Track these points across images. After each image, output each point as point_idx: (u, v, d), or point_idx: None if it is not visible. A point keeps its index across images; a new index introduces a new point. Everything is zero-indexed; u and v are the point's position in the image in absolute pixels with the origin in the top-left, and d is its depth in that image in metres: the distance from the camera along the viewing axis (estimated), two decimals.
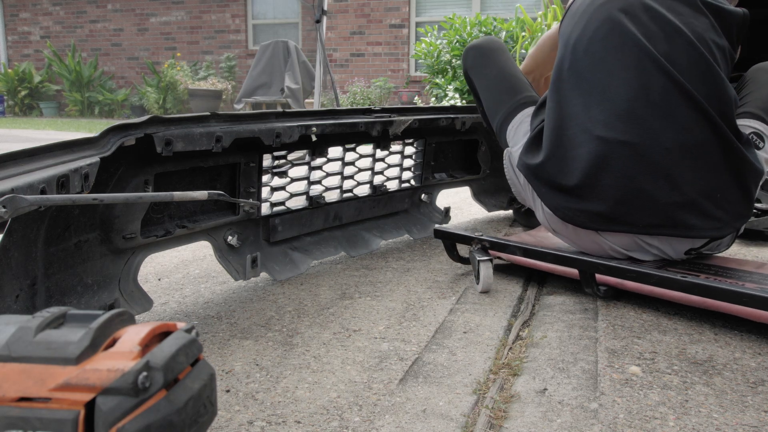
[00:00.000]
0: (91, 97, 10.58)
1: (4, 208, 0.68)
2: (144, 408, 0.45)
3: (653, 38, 1.30)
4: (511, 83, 1.63)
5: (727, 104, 1.28)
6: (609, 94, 1.30)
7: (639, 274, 1.20)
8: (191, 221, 1.30)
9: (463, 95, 6.19)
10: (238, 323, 1.23)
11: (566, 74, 1.38)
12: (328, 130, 1.45)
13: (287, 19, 9.95)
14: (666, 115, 1.26)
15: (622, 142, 1.27)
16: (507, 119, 1.57)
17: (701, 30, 1.32)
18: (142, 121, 1.09)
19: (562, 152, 1.35)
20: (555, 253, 1.35)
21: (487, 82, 1.66)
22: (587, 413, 0.86)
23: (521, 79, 1.65)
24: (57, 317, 0.49)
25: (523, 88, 1.62)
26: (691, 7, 1.35)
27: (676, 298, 1.23)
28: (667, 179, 1.25)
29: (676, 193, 1.25)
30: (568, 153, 1.34)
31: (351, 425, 0.84)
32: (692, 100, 1.25)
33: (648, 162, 1.26)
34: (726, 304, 1.13)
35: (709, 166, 1.26)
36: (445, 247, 1.57)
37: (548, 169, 1.37)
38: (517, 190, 1.55)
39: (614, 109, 1.29)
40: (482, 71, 1.68)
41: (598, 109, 1.31)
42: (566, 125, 1.35)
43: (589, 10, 1.40)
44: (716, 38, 1.33)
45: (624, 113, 1.28)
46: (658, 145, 1.25)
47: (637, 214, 1.28)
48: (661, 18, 1.32)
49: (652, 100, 1.27)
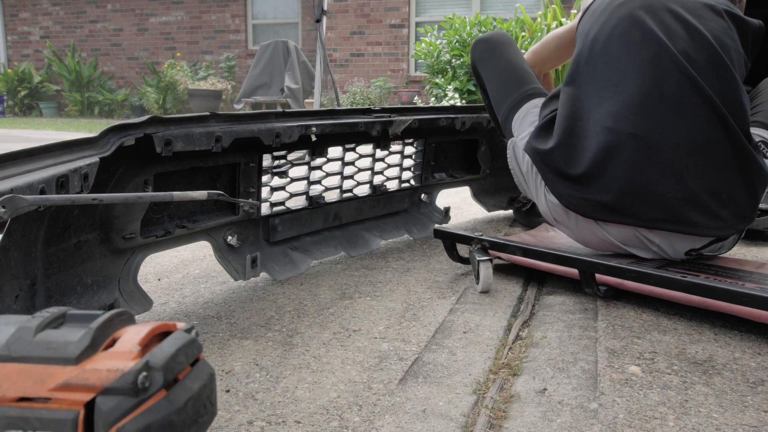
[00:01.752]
0: (90, 97, 10.58)
1: (4, 208, 0.68)
2: (144, 408, 0.45)
3: (673, 36, 1.30)
4: (518, 75, 1.65)
5: (740, 106, 1.28)
6: (622, 87, 1.30)
7: (639, 274, 1.20)
8: (191, 221, 1.30)
9: (462, 95, 6.19)
10: (237, 323, 1.23)
11: (583, 68, 1.39)
12: (327, 130, 1.45)
13: (287, 19, 9.95)
14: (678, 111, 1.26)
15: (632, 135, 1.27)
16: (513, 110, 1.58)
17: (720, 33, 1.33)
18: (142, 121, 1.09)
19: (573, 141, 1.35)
20: (555, 253, 1.35)
21: (494, 74, 1.68)
22: (587, 413, 0.86)
23: (528, 71, 1.66)
24: (57, 317, 0.49)
25: (529, 80, 1.63)
26: (713, 11, 1.36)
27: (676, 298, 1.23)
28: (673, 174, 1.25)
29: (681, 188, 1.25)
30: (579, 143, 1.34)
31: (351, 425, 0.84)
32: (706, 99, 1.25)
33: (656, 156, 1.26)
34: (726, 304, 1.12)
35: (717, 165, 1.26)
36: (445, 247, 1.57)
37: (557, 156, 1.37)
38: (519, 180, 1.55)
39: (627, 101, 1.29)
40: (490, 63, 1.69)
41: (612, 101, 1.31)
42: (579, 116, 1.36)
43: (609, 8, 1.40)
44: (734, 44, 1.34)
45: (636, 106, 1.28)
46: (668, 140, 1.25)
47: (641, 207, 1.28)
48: (682, 18, 1.33)
49: (665, 95, 1.27)
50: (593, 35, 1.40)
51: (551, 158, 1.38)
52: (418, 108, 1.78)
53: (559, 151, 1.37)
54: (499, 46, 1.71)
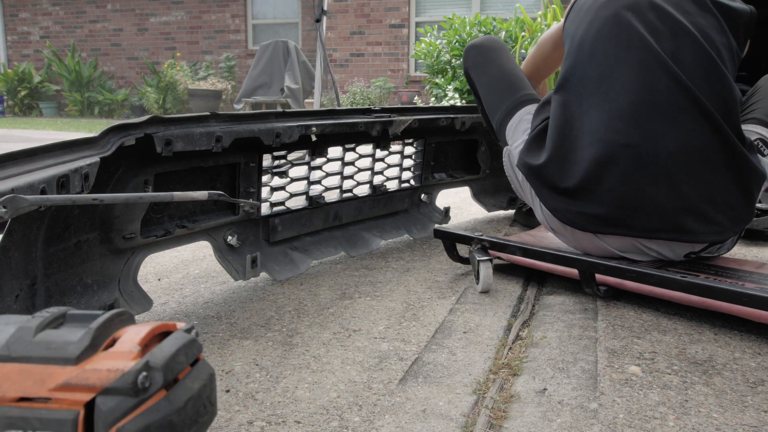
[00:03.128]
0: (90, 97, 10.58)
1: (5, 208, 0.68)
2: (144, 408, 0.45)
3: (659, 37, 1.28)
4: (510, 81, 1.63)
5: (731, 105, 1.26)
6: (612, 95, 1.28)
7: (639, 274, 1.20)
8: (191, 221, 1.30)
9: (462, 95, 6.19)
10: (237, 323, 1.23)
11: (571, 73, 1.37)
12: (327, 130, 1.45)
13: (287, 19, 9.95)
14: (669, 118, 1.24)
15: (625, 145, 1.25)
16: (506, 117, 1.57)
17: (708, 29, 1.30)
18: (142, 121, 1.09)
19: (564, 153, 1.33)
20: (555, 253, 1.35)
21: (487, 81, 1.66)
22: (587, 413, 0.86)
23: (521, 77, 1.65)
24: (57, 317, 0.49)
25: (522, 86, 1.61)
26: (698, 6, 1.33)
27: (675, 298, 1.23)
28: (668, 183, 1.24)
29: (676, 197, 1.24)
30: (571, 154, 1.32)
31: (351, 425, 0.84)
32: (696, 102, 1.24)
33: (650, 165, 1.24)
34: (726, 304, 1.12)
35: (711, 170, 1.24)
36: (445, 247, 1.57)
37: (550, 171, 1.35)
38: (516, 187, 1.55)
39: (617, 109, 1.27)
40: (482, 70, 1.68)
41: (601, 109, 1.29)
42: (569, 125, 1.34)
43: (594, 8, 1.38)
44: (723, 37, 1.31)
45: (626, 115, 1.26)
46: (661, 149, 1.24)
47: (637, 218, 1.27)
48: (668, 16, 1.30)
49: (655, 102, 1.25)
50: (579, 37, 1.38)
51: (544, 173, 1.36)
52: (418, 108, 1.78)
53: (551, 165, 1.35)
54: (491, 52, 1.69)
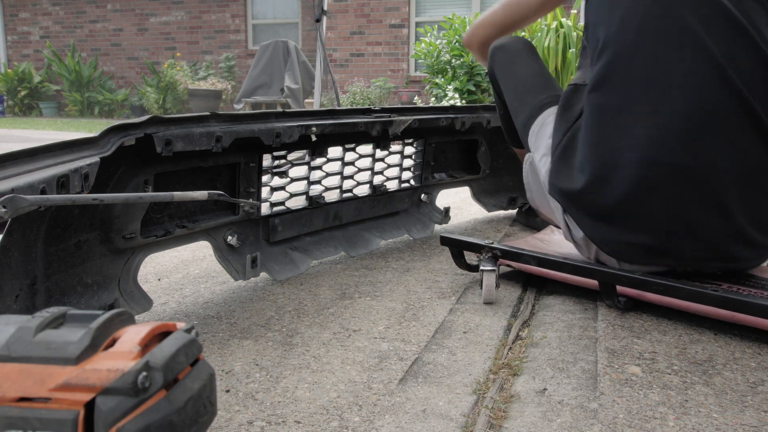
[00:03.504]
0: (90, 97, 10.58)
1: (5, 208, 0.68)
2: (144, 408, 0.45)
3: (714, 34, 1.10)
4: (536, 82, 1.52)
5: None
6: (663, 107, 1.12)
7: (667, 288, 1.10)
8: (191, 221, 1.30)
9: (463, 95, 6.19)
10: (237, 323, 1.23)
11: (611, 71, 1.17)
12: (327, 130, 1.45)
13: (287, 19, 9.95)
14: (723, 135, 1.10)
15: (676, 167, 1.11)
16: (529, 121, 1.46)
17: (762, 25, 1.12)
18: (142, 121, 1.09)
19: (605, 174, 1.17)
20: (573, 264, 1.25)
21: (512, 82, 1.57)
22: (587, 413, 0.86)
23: (549, 78, 1.54)
24: (57, 317, 0.49)
25: (548, 88, 1.50)
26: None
27: (702, 312, 1.13)
28: (719, 208, 1.12)
29: (727, 223, 1.13)
30: (612, 173, 1.17)
31: (351, 425, 0.84)
32: (753, 117, 1.09)
33: (701, 189, 1.11)
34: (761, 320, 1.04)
35: (763, 193, 1.13)
36: (452, 254, 1.49)
37: (589, 197, 1.20)
38: (532, 197, 1.45)
39: (666, 125, 1.12)
40: (508, 70, 1.58)
41: (650, 122, 1.13)
42: (609, 139, 1.17)
43: None
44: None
45: (679, 132, 1.11)
46: (713, 170, 1.10)
47: (686, 247, 1.16)
48: (722, 7, 1.11)
49: (712, 117, 1.10)
50: (620, 18, 1.16)
51: (584, 201, 1.21)
52: (418, 108, 1.78)
53: (590, 188, 1.19)
54: (518, 53, 1.59)
